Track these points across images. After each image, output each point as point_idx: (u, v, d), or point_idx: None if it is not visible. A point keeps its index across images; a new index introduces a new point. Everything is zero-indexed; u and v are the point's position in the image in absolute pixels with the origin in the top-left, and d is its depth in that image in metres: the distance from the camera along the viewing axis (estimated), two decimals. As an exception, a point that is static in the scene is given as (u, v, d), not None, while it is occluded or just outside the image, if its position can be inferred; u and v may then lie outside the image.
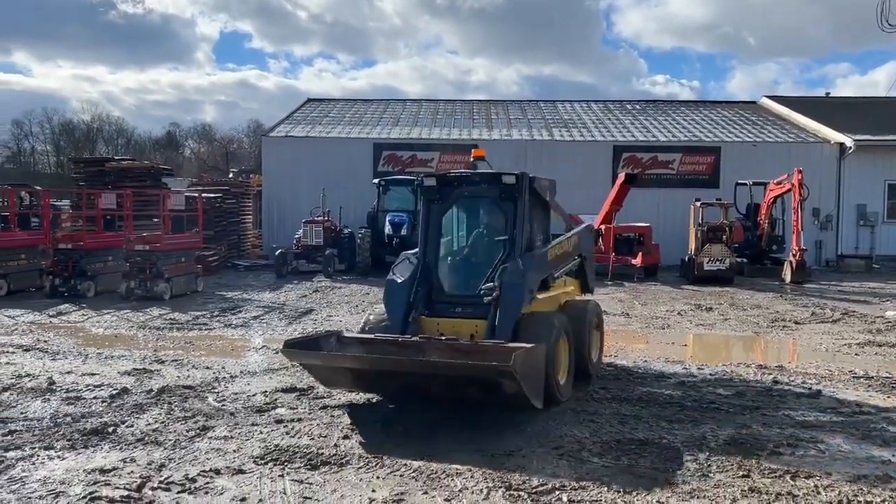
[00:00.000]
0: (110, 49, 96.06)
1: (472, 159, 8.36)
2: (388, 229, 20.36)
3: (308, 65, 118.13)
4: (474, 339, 7.02)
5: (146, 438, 5.98)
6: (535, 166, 25.00)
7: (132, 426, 6.33)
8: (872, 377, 8.45)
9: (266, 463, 5.42)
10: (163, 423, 6.43)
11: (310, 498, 4.82)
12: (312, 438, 6.00)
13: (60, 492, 4.88)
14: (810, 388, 7.86)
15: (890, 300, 15.86)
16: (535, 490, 4.93)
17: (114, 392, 7.45)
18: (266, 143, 27.03)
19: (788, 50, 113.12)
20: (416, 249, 7.80)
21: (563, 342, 7.16)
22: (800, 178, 18.87)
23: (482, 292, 7.14)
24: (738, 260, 19.37)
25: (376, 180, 22.15)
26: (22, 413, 6.73)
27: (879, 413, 6.94)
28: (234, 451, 5.70)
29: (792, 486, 5.05)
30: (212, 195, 22.72)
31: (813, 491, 4.96)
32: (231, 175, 34.57)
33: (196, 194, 20.33)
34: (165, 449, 5.74)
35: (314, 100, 34.13)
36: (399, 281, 7.58)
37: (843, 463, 5.55)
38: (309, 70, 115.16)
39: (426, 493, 4.91)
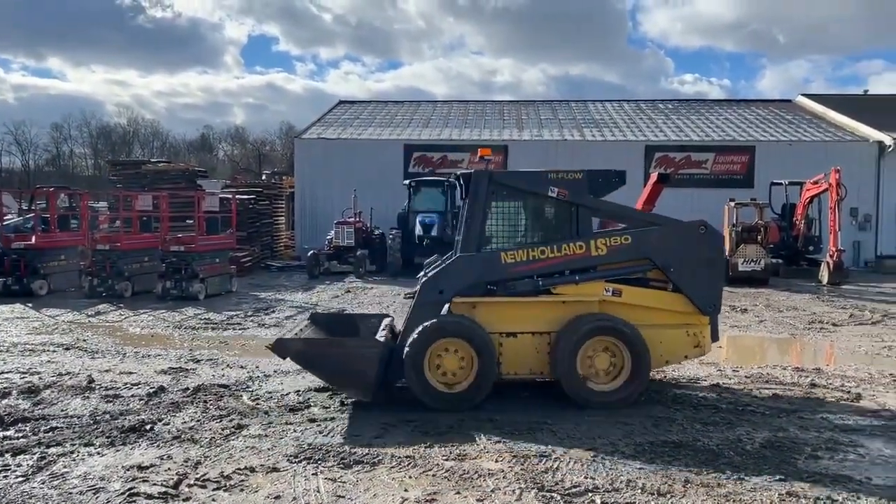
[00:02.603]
0: (140, 53, 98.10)
1: (478, 158, 8.46)
2: (418, 230, 20.41)
3: (334, 67, 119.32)
4: None
5: (182, 436, 6.07)
6: (565, 166, 24.97)
7: (169, 424, 6.44)
8: (914, 381, 8.26)
9: (300, 461, 5.48)
10: (198, 421, 6.53)
11: (343, 496, 4.85)
12: (345, 437, 6.05)
13: (100, 488, 4.98)
14: (849, 392, 7.71)
15: (932, 302, 15.47)
16: (568, 492, 4.90)
17: (151, 390, 7.59)
18: (298, 145, 27.30)
19: (820, 47, 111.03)
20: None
21: (441, 346, 6.89)
22: (837, 177, 18.50)
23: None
24: (774, 261, 19.05)
25: (407, 181, 22.26)
26: (62, 410, 6.89)
27: (922, 417, 6.78)
28: (269, 449, 5.77)
29: (831, 490, 4.95)
30: (245, 197, 22.98)
31: (853, 496, 4.86)
32: (264, 177, 34.90)
33: (230, 196, 20.57)
34: (201, 447, 5.83)
35: (345, 102, 34.36)
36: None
37: (884, 468, 5.44)
38: (335, 72, 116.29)
39: (458, 493, 4.92)
